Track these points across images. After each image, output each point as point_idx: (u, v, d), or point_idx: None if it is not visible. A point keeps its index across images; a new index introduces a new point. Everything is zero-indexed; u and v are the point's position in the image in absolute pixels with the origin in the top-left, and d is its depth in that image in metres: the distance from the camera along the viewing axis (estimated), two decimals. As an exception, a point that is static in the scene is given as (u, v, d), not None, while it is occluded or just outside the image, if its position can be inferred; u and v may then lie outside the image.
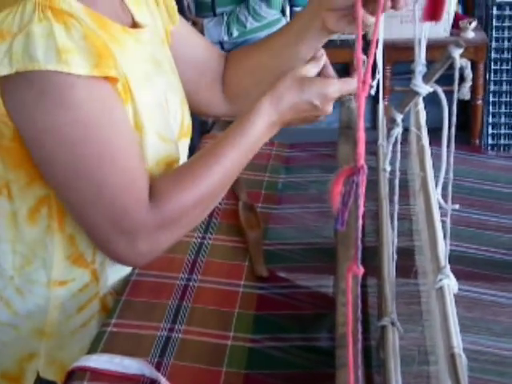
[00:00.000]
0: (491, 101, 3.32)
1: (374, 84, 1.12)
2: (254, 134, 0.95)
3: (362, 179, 0.43)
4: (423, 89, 0.64)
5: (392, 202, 0.71)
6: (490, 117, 3.34)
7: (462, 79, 3.13)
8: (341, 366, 0.72)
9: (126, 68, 0.95)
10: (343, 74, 1.00)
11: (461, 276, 0.68)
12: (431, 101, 0.73)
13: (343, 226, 0.44)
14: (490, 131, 3.35)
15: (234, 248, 1.11)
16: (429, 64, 0.68)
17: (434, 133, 0.82)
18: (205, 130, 3.07)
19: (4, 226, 1.00)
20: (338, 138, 1.18)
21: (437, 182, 0.69)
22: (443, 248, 0.68)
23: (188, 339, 0.91)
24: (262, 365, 0.87)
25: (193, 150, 1.19)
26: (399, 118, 0.70)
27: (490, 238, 1.09)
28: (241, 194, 1.22)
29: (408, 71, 0.74)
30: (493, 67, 3.29)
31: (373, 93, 1.13)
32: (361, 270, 0.46)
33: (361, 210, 0.44)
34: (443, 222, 0.71)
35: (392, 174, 0.77)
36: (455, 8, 3.28)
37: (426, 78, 0.63)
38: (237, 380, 0.85)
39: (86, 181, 0.90)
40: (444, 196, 0.68)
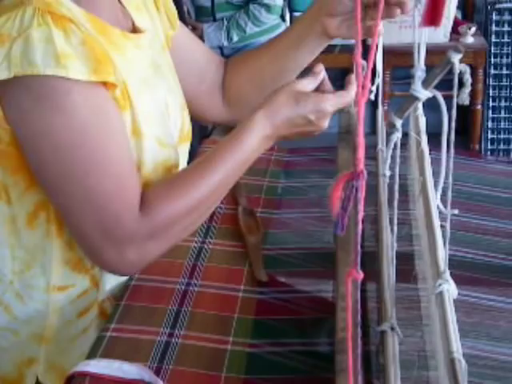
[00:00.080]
0: (490, 106, 3.33)
1: (373, 89, 1.13)
2: (247, 147, 0.94)
3: (362, 184, 0.43)
4: (422, 94, 0.64)
5: (392, 206, 0.71)
6: (490, 122, 3.33)
7: (461, 84, 3.12)
8: (340, 371, 0.72)
9: (126, 73, 0.95)
10: (343, 79, 0.99)
11: (460, 281, 0.68)
12: (430, 106, 0.73)
13: (343, 230, 0.44)
14: (490, 136, 3.35)
15: (234, 253, 1.10)
16: (428, 69, 0.68)
17: (434, 138, 0.82)
18: (205, 134, 3.06)
19: (3, 231, 1.00)
20: (337, 143, 1.19)
21: (436, 186, 0.70)
22: (443, 253, 0.68)
23: (187, 344, 0.91)
24: (261, 369, 0.87)
25: (193, 155, 1.19)
26: (399, 123, 0.70)
27: (488, 243, 1.09)
28: (240, 198, 1.22)
29: (407, 76, 0.75)
30: (492, 72, 3.29)
31: (372, 98, 1.13)
32: (360, 275, 0.46)
33: (360, 214, 0.44)
34: (443, 227, 0.71)
35: (391, 178, 0.77)
36: (454, 13, 3.29)
37: (426, 83, 0.63)
38: (236, 385, 0.85)
39: (78, 186, 0.89)
40: (443, 201, 0.68)
